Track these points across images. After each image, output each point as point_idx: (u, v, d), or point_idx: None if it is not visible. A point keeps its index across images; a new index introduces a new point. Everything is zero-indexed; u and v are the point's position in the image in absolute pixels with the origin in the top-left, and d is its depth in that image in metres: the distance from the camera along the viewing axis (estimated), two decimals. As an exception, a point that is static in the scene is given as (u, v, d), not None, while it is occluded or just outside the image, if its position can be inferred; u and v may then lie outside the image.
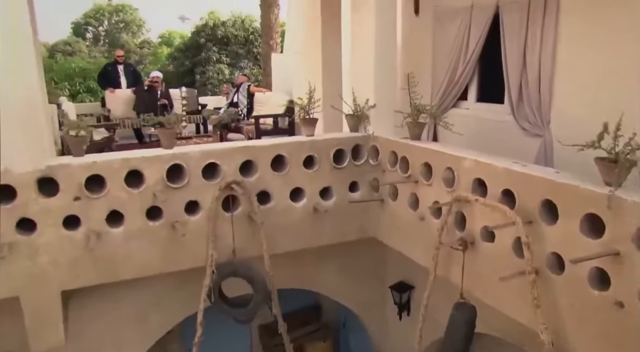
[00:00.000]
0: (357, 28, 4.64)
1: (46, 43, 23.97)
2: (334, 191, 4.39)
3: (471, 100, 5.31)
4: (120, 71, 9.38)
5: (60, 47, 22.99)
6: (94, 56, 21.91)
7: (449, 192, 3.56)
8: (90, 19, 25.32)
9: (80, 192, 3.53)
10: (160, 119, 3.82)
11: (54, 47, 23.30)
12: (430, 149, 3.82)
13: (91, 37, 25.61)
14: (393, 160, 4.24)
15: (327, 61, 5.45)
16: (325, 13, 5.44)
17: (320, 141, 4.29)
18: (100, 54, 22.77)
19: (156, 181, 3.72)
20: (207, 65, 20.07)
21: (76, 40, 23.98)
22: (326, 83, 5.41)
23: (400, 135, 4.26)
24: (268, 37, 13.55)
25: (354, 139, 4.44)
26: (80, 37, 24.78)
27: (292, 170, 4.17)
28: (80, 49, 22.66)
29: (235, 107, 8.38)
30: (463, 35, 5.00)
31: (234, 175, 3.97)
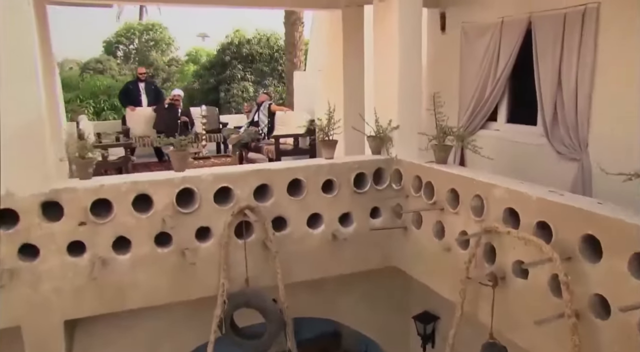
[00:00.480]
0: (380, 45, 4.45)
1: (79, 61, 24.88)
2: (354, 217, 4.18)
3: (501, 121, 5.05)
4: (142, 89, 9.37)
5: (91, 65, 23.49)
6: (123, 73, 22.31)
7: (478, 222, 3.30)
8: (122, 38, 25.87)
9: (86, 217, 3.39)
10: (171, 140, 3.66)
11: (86, 65, 23.86)
12: (457, 174, 3.57)
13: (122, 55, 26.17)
14: (417, 186, 4.00)
15: (348, 80, 5.27)
16: (347, 30, 5.27)
17: (340, 164, 4.08)
18: (129, 71, 23.23)
19: (165, 205, 3.56)
20: (232, 83, 20.12)
21: (107, 58, 24.49)
22: (347, 103, 5.22)
23: (425, 158, 4.03)
24: (292, 54, 13.48)
25: (376, 162, 4.22)
26: (111, 55, 25.32)
27: (309, 195, 3.97)
28: (110, 66, 23.12)
29: (256, 126, 8.26)
30: (492, 53, 4.77)
31: (248, 200, 3.78)
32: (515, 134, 4.85)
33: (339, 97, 5.34)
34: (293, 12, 13.14)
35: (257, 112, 8.41)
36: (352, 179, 4.09)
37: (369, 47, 5.30)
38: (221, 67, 20.60)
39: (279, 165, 3.98)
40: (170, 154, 3.71)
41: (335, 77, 5.49)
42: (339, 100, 5.32)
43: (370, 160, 4.22)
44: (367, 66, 5.21)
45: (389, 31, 4.25)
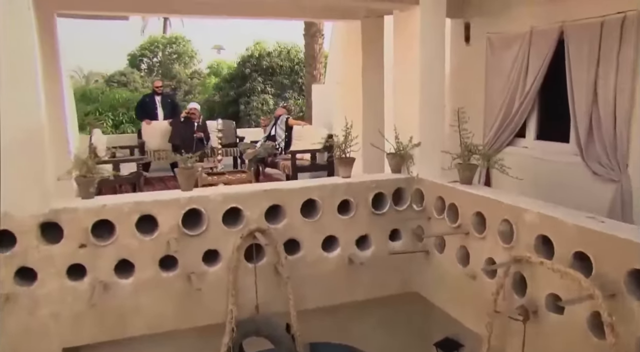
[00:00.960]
0: (401, 58, 4.24)
1: (104, 74, 25.48)
2: (372, 239, 3.95)
3: (530, 138, 4.77)
4: (158, 102, 9.30)
5: (116, 78, 23.97)
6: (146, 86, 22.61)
7: (507, 249, 3.05)
8: (145, 51, 26.27)
9: (87, 239, 3.22)
10: (177, 158, 3.49)
11: (110, 78, 24.36)
12: (483, 196, 3.32)
13: (146, 68, 26.61)
14: (440, 207, 3.76)
15: (367, 94, 5.05)
16: (366, 41, 5.07)
17: (357, 184, 3.87)
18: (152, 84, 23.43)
19: (171, 227, 3.39)
20: (252, 96, 20.11)
21: (131, 71, 24.95)
22: (366, 118, 5.01)
23: (448, 178, 3.79)
24: (312, 67, 13.34)
25: (396, 182, 4.00)
26: (135, 68, 25.74)
27: (324, 217, 3.76)
28: (134, 79, 23.48)
29: (273, 141, 8.09)
30: (521, 65, 4.51)
31: (259, 221, 3.59)
32: (545, 152, 4.56)
33: (357, 111, 5.13)
34: (313, 24, 13.03)
35: (274, 126, 8.24)
36: (370, 200, 3.88)
37: (389, 59, 5.10)
38: (241, 80, 20.64)
39: (291, 184, 3.78)
40: (177, 173, 3.54)
41: (353, 90, 5.28)
42: (357, 115, 5.12)
43: (390, 180, 4.00)
44: (387, 79, 5.00)
45: (410, 43, 4.05)
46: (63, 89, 4.34)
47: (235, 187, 3.76)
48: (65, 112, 4.33)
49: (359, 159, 4.17)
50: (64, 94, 4.32)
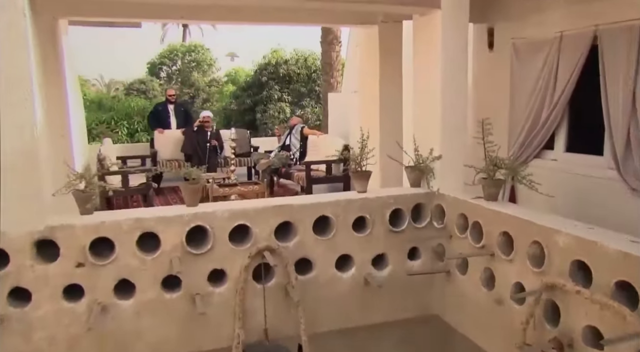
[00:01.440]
0: (421, 65, 4.02)
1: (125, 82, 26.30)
2: (389, 258, 3.73)
3: (559, 150, 4.50)
4: (171, 111, 9.18)
5: (135, 86, 24.36)
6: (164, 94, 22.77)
7: (537, 274, 2.79)
8: (165, 59, 26.66)
9: (84, 258, 3.05)
10: (182, 172, 3.31)
11: (130, 86, 24.83)
12: (511, 215, 3.07)
13: (165, 76, 26.97)
14: (462, 225, 3.52)
15: (385, 103, 4.83)
16: (384, 47, 4.85)
17: (374, 199, 3.65)
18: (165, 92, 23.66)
19: (174, 245, 3.20)
20: (269, 104, 20.03)
21: (150, 79, 25.32)
22: (384, 128, 4.78)
23: (471, 194, 3.55)
24: (328, 75, 13.20)
25: (415, 197, 3.77)
26: (154, 76, 26.11)
27: (338, 234, 3.55)
28: (153, 87, 23.75)
29: (288, 151, 7.90)
30: (549, 72, 4.26)
31: (268, 239, 3.39)
32: (576, 165, 4.29)
33: (374, 121, 4.91)
34: (330, 31, 12.90)
35: (288, 136, 8.05)
36: (388, 216, 3.66)
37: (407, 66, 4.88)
38: (258, 88, 20.62)
39: (303, 200, 3.57)
40: (181, 187, 3.35)
41: (370, 99, 5.06)
42: (375, 125, 4.90)
43: (409, 195, 3.77)
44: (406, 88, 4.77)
45: (431, 49, 3.83)
46: (67, 98, 4.20)
47: (243, 202, 3.56)
48: (70, 122, 4.19)
49: (375, 172, 3.95)
50: (68, 102, 4.18)
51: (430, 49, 3.87)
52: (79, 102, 6.30)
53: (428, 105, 3.95)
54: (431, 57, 3.86)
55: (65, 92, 4.11)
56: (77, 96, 6.20)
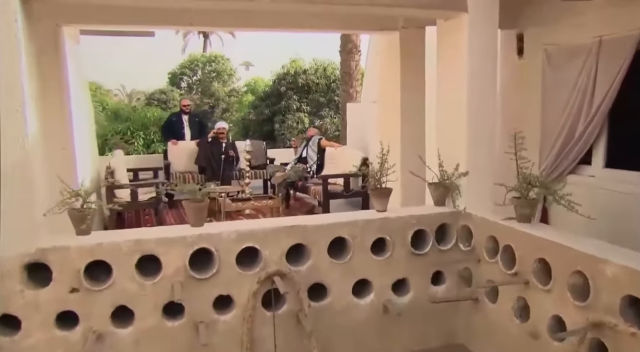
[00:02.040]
0: (445, 73, 3.76)
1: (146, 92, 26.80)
2: (411, 284, 3.46)
3: (597, 165, 4.18)
4: (185, 122, 9.02)
5: (156, 96, 24.76)
6: None
7: (580, 309, 2.49)
8: (185, 69, 27.16)
9: (79, 283, 2.83)
10: (186, 188, 3.08)
11: (151, 96, 25.23)
12: (548, 239, 2.77)
13: (185, 86, 27.39)
14: (492, 249, 3.23)
15: (406, 114, 4.56)
16: (405, 55, 4.59)
17: (395, 219, 3.38)
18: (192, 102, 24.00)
19: (176, 269, 2.97)
20: (287, 114, 19.92)
21: (171, 89, 25.71)
22: (405, 141, 4.51)
23: (502, 214, 3.26)
24: (348, 85, 12.98)
25: (440, 217, 3.50)
26: (175, 86, 26.57)
27: (356, 257, 3.29)
28: (173, 97, 24.04)
29: (304, 163, 7.65)
30: (587, 80, 3.96)
31: (279, 263, 3.15)
32: (617, 182, 3.96)
33: (394, 134, 4.65)
34: (349, 40, 12.70)
35: (305, 148, 7.81)
36: (410, 238, 3.39)
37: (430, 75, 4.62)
38: (276, 98, 20.56)
39: (317, 220, 3.31)
40: (185, 206, 3.13)
41: (391, 110, 4.79)
42: (395, 138, 4.63)
43: (432, 214, 3.50)
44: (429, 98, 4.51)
45: (456, 56, 3.57)
46: (71, 108, 4.02)
47: (252, 223, 3.31)
48: (72, 134, 4.01)
49: (396, 189, 3.68)
50: (71, 113, 4.00)
51: (455, 56, 3.62)
52: (88, 112, 6.15)
53: (453, 117, 3.69)
54: (456, 65, 3.60)
55: (69, 102, 3.94)
56: (86, 107, 6.05)
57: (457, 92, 3.59)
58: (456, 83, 3.61)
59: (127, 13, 3.89)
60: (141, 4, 3.48)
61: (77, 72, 5.87)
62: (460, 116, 3.56)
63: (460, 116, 3.56)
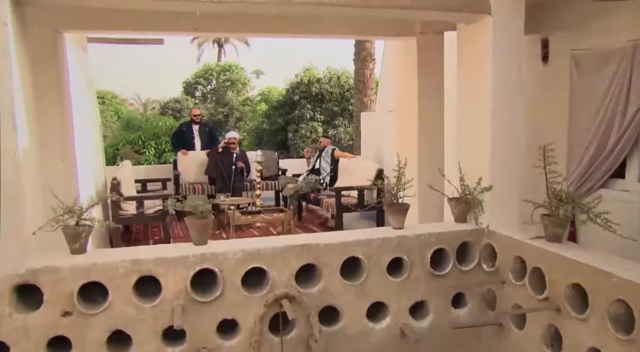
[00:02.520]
0: (467, 80, 3.55)
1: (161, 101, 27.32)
2: (430, 307, 3.23)
3: (631, 179, 3.92)
4: (195, 131, 8.85)
5: (170, 105, 25.05)
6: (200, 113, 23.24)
7: (624, 343, 2.25)
8: (200, 78, 27.40)
9: (72, 306, 2.64)
10: (188, 205, 2.89)
11: (166, 105, 25.57)
12: (583, 263, 2.53)
13: (200, 95, 27.67)
14: (519, 270, 2.99)
15: (424, 124, 4.33)
16: (423, 62, 4.36)
17: (413, 238, 3.16)
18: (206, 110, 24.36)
19: (177, 291, 2.78)
20: (301, 123, 19.80)
21: (185, 98, 25.93)
22: (423, 153, 4.27)
23: (529, 232, 3.02)
24: (362, 94, 12.81)
25: (461, 235, 3.27)
26: (189, 95, 26.86)
27: (371, 278, 3.08)
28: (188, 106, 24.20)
29: (317, 175, 7.43)
30: (620, 88, 3.72)
31: (288, 285, 2.93)
32: (654, 197, 3.70)
33: (411, 145, 4.42)
34: (363, 48, 12.53)
35: (318, 158, 7.59)
36: (429, 257, 3.16)
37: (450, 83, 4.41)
38: (290, 107, 20.48)
39: (329, 238, 3.10)
40: (187, 223, 2.93)
41: (408, 120, 4.57)
42: (412, 150, 4.41)
43: (453, 232, 3.27)
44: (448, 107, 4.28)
45: (479, 63, 3.35)
46: (71, 118, 3.86)
47: (259, 241, 3.11)
48: (73, 144, 3.85)
49: (413, 204, 3.45)
50: (72, 123, 3.84)
51: (478, 62, 3.40)
52: (95, 122, 6.01)
53: (476, 128, 3.46)
54: (479, 72, 3.39)
55: (70, 111, 3.78)
56: (92, 116, 5.92)
57: (480, 101, 3.36)
58: (479, 91, 3.39)
59: (130, 19, 3.74)
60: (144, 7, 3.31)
61: (84, 80, 5.74)
62: (483, 127, 3.33)
63: (483, 127, 3.33)
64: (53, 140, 3.47)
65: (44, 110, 3.40)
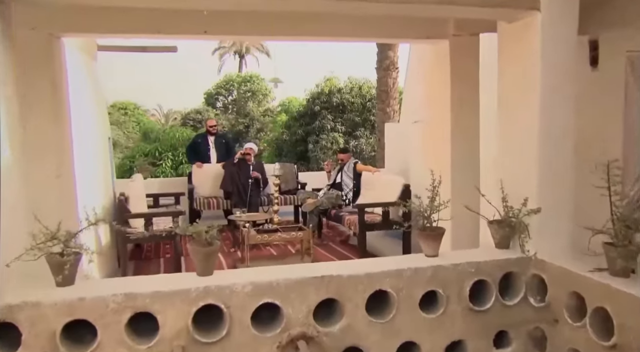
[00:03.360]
0: (510, 90, 3.15)
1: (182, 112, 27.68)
2: (468, 347, 2.83)
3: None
4: (211, 143, 8.53)
5: (191, 116, 25.09)
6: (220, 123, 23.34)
7: None
8: (221, 89, 27.53)
9: (54, 347, 2.30)
10: (190, 230, 2.53)
11: (186, 116, 25.69)
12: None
13: (221, 105, 27.85)
14: (576, 308, 2.57)
15: (458, 137, 3.90)
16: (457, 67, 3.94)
17: (449, 268, 2.77)
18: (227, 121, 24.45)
19: (177, 330, 2.43)
20: (321, 134, 19.48)
21: (206, 109, 26.02)
22: (456, 169, 3.85)
23: (587, 264, 2.59)
24: (385, 104, 12.41)
25: (504, 264, 2.87)
26: (210, 106, 26.97)
27: (400, 315, 2.69)
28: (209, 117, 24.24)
29: (338, 190, 7.03)
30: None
31: (305, 323, 2.56)
32: None
33: (443, 159, 4.02)
34: (386, 56, 12.16)
35: (339, 172, 7.20)
36: (468, 290, 2.77)
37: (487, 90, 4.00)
38: (310, 118, 20.19)
39: (353, 268, 2.71)
40: (190, 251, 2.58)
41: (438, 131, 4.15)
42: (444, 165, 4.00)
43: (495, 261, 2.86)
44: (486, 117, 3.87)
45: (524, 67, 2.96)
46: (70, 131, 3.55)
47: (272, 271, 2.73)
48: (73, 159, 3.53)
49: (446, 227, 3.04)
50: (71, 136, 3.53)
51: (522, 66, 3.00)
52: (102, 134, 5.73)
53: (520, 141, 3.07)
54: (524, 78, 2.99)
55: (68, 123, 3.47)
56: (99, 127, 5.64)
57: (525, 111, 2.96)
58: (525, 100, 2.99)
59: (133, 21, 3.43)
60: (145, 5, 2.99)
61: (91, 90, 5.47)
62: (530, 141, 2.93)
63: (530, 141, 2.93)
64: (46, 154, 3.16)
65: (36, 121, 3.10)
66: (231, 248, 6.84)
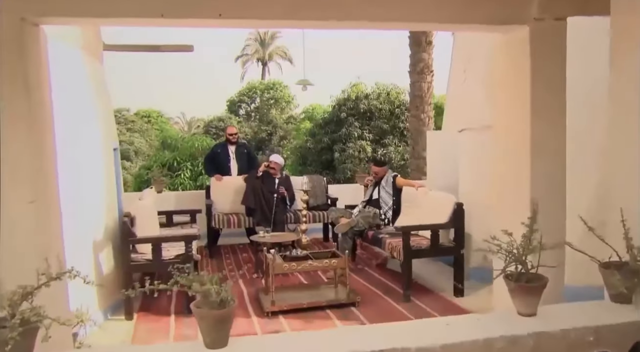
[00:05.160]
0: (627, 89, 2.36)
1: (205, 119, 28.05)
2: None
3: None
4: (232, 153, 7.79)
5: (214, 124, 25.13)
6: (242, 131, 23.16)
7: None
8: (244, 97, 27.72)
9: None
10: (195, 289, 1.82)
11: (209, 124, 25.68)
12: None
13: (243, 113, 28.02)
14: None
15: (540, 149, 3.04)
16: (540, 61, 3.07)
17: (556, 335, 2.00)
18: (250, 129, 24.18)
19: None
20: (348, 142, 18.79)
21: (229, 116, 26.07)
22: (538, 190, 3.02)
23: None
24: (418, 110, 11.65)
25: (631, 328, 2.07)
26: (233, 113, 27.14)
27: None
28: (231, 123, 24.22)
29: (376, 207, 6.24)
30: None
31: None
32: None
33: (520, 177, 3.21)
34: (420, 59, 11.41)
35: (376, 188, 6.41)
36: (583, 366, 1.98)
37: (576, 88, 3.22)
38: (336, 125, 19.56)
39: (416, 338, 1.95)
40: (195, 314, 1.86)
41: (513, 141, 3.29)
42: (521, 183, 3.20)
43: (620, 325, 2.07)
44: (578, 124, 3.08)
45: None
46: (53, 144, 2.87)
47: (306, 338, 1.98)
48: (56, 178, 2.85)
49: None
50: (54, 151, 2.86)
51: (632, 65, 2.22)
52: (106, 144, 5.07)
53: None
54: None
55: (50, 132, 2.80)
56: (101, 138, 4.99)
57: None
58: None
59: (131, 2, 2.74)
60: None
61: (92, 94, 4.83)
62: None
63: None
64: (15, 173, 2.48)
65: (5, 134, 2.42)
66: (253, 273, 6.12)
